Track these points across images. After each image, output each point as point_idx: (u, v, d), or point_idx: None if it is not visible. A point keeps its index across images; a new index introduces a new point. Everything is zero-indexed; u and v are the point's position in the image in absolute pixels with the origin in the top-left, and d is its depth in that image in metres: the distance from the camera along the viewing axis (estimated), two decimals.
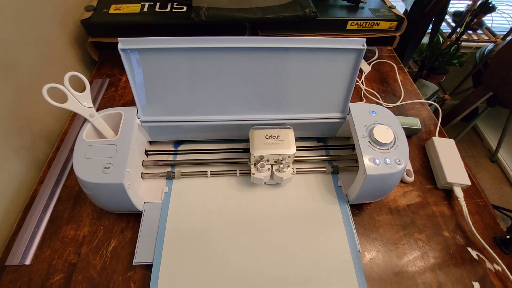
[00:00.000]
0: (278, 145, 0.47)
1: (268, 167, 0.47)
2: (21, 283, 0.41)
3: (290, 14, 0.63)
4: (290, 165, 0.48)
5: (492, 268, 0.45)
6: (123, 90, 0.68)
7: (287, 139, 0.47)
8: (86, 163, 0.40)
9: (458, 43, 1.33)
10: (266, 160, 0.47)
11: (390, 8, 0.75)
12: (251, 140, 0.47)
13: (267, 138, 0.47)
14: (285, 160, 0.47)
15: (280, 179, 0.47)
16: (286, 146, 0.47)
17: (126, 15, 0.66)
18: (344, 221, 0.46)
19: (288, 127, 0.49)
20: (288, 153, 0.47)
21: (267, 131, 0.48)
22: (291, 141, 0.47)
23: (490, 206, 0.53)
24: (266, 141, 0.47)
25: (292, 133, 0.48)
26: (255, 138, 0.47)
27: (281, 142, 0.47)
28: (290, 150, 0.47)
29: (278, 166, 0.47)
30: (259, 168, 0.47)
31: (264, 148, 0.47)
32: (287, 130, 0.49)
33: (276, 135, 0.48)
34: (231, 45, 0.41)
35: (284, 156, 0.47)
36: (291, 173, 0.47)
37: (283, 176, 0.47)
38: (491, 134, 1.74)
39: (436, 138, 0.58)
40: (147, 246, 0.43)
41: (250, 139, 0.48)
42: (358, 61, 0.44)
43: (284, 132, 0.48)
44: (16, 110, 0.50)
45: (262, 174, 0.47)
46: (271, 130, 0.48)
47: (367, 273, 0.43)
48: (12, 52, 0.49)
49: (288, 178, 0.47)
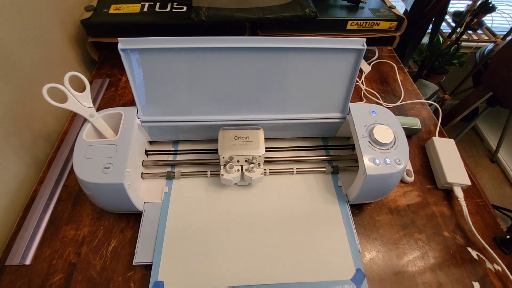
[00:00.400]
0: (247, 146, 0.47)
1: (238, 168, 0.47)
2: (21, 283, 0.41)
3: (290, 14, 0.63)
4: (261, 165, 0.48)
5: (492, 268, 0.45)
6: (123, 90, 0.68)
7: (257, 139, 0.47)
8: (86, 163, 0.40)
9: (458, 43, 1.33)
10: (237, 161, 0.47)
11: (390, 8, 0.75)
12: (220, 141, 0.47)
13: (236, 139, 0.47)
14: (255, 160, 0.47)
15: (250, 179, 0.47)
16: (255, 146, 0.47)
17: (126, 15, 0.66)
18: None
19: (258, 128, 0.49)
20: (257, 154, 0.46)
21: (236, 132, 0.48)
22: (260, 142, 0.47)
23: (490, 206, 0.53)
24: (235, 142, 0.47)
25: (262, 134, 0.48)
26: (224, 139, 0.47)
27: (250, 142, 0.47)
28: (259, 150, 0.46)
29: (248, 166, 0.47)
30: (228, 169, 0.46)
31: (233, 149, 0.46)
32: (257, 131, 0.48)
33: (245, 135, 0.48)
34: (231, 45, 0.41)
35: (255, 156, 0.47)
36: (261, 173, 0.47)
37: (253, 176, 0.47)
38: (491, 134, 1.74)
39: (436, 138, 0.58)
40: (147, 246, 0.43)
41: (219, 140, 0.47)
42: (358, 61, 0.44)
43: (253, 132, 0.48)
44: (16, 110, 0.50)
45: (231, 175, 0.46)
46: (240, 130, 0.48)
47: (367, 273, 0.43)
48: (12, 52, 0.49)
49: (258, 178, 0.47)
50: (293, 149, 0.55)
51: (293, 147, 0.55)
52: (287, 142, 0.56)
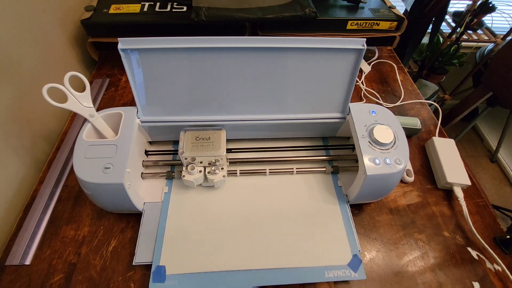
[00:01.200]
0: (208, 146, 0.46)
1: (200, 169, 0.47)
2: (21, 283, 0.41)
3: (290, 14, 0.63)
4: (224, 167, 0.48)
5: (492, 268, 0.45)
6: (123, 90, 0.68)
7: (218, 140, 0.47)
8: (86, 163, 0.40)
9: (458, 43, 1.33)
10: (199, 162, 0.47)
11: (390, 8, 0.75)
12: (181, 142, 0.47)
13: (197, 140, 0.47)
14: (218, 162, 0.47)
15: (212, 182, 0.47)
16: (216, 148, 0.46)
17: (126, 15, 0.66)
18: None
19: (220, 128, 0.49)
20: (218, 155, 0.46)
21: (198, 133, 0.48)
22: (221, 143, 0.47)
23: (490, 206, 0.53)
24: (196, 143, 0.47)
25: (224, 135, 0.48)
26: (185, 140, 0.47)
27: (211, 144, 0.47)
28: (220, 152, 0.46)
29: (210, 168, 0.47)
30: (190, 170, 0.46)
31: (193, 150, 0.46)
32: (219, 132, 0.48)
33: (207, 137, 0.47)
34: (231, 45, 0.41)
35: (217, 158, 0.46)
36: (223, 176, 0.47)
37: (215, 178, 0.46)
38: (491, 134, 1.74)
39: (436, 138, 0.58)
40: (147, 246, 0.43)
41: (180, 141, 0.47)
42: (358, 61, 0.44)
43: (215, 133, 0.48)
44: (16, 110, 0.50)
45: (192, 176, 0.46)
46: (202, 131, 0.48)
47: (367, 273, 0.43)
48: (13, 52, 0.49)
49: (220, 180, 0.47)
50: (293, 149, 0.55)
51: (293, 147, 0.55)
52: (287, 142, 0.56)
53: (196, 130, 0.48)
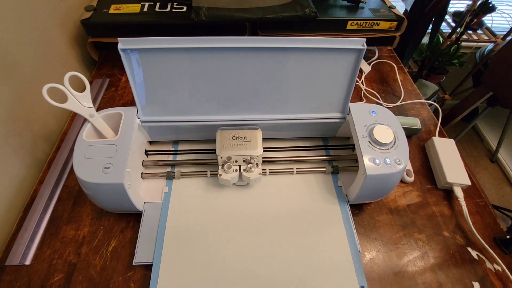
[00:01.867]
0: (245, 146, 0.47)
1: (236, 168, 0.47)
2: (21, 283, 0.41)
3: (290, 14, 0.63)
4: (259, 165, 0.48)
5: (492, 268, 0.45)
6: (123, 90, 0.68)
7: (255, 139, 0.47)
8: (86, 163, 0.40)
9: (458, 43, 1.33)
10: (235, 161, 0.47)
11: (390, 8, 0.75)
12: (218, 141, 0.47)
13: (234, 139, 0.47)
14: (253, 160, 0.47)
15: (248, 179, 0.47)
16: (253, 146, 0.47)
17: (126, 15, 0.66)
18: (344, 221, 0.46)
19: (256, 128, 0.49)
20: (255, 154, 0.46)
21: (234, 132, 0.48)
22: (258, 142, 0.47)
23: (490, 206, 0.53)
24: (232, 142, 0.47)
25: (260, 134, 0.48)
26: (222, 139, 0.47)
27: (248, 142, 0.47)
28: (257, 150, 0.46)
29: (246, 166, 0.47)
30: (226, 169, 0.46)
31: (231, 149, 0.46)
32: (255, 131, 0.48)
33: (243, 135, 0.48)
34: (231, 45, 0.41)
35: (252, 156, 0.47)
36: (259, 173, 0.47)
37: (251, 176, 0.47)
38: (491, 134, 1.74)
39: (436, 138, 0.58)
40: (147, 246, 0.43)
41: (217, 140, 0.47)
42: (358, 61, 0.44)
43: (251, 132, 0.48)
44: (16, 110, 0.50)
45: (229, 175, 0.46)
46: (238, 130, 0.48)
47: (367, 273, 0.43)
48: (12, 52, 0.49)
49: (256, 178, 0.47)
50: (293, 149, 0.55)
51: (293, 147, 0.55)
52: (287, 142, 0.56)
53: (231, 129, 0.48)
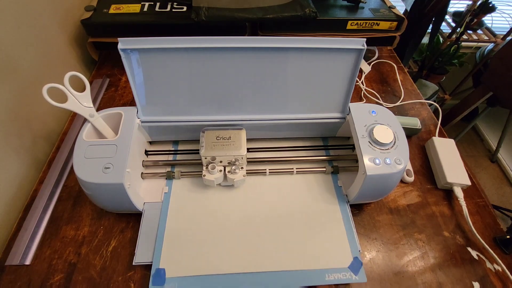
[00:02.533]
0: (229, 146, 0.46)
1: (220, 168, 0.47)
2: (21, 283, 0.41)
3: (290, 14, 0.63)
4: (244, 167, 0.48)
5: (492, 268, 0.45)
6: (123, 90, 0.68)
7: (239, 140, 0.47)
8: (86, 163, 0.40)
9: (458, 43, 1.33)
10: (219, 162, 0.47)
11: (390, 8, 0.75)
12: (201, 141, 0.47)
13: (218, 140, 0.47)
14: (238, 161, 0.47)
15: (232, 181, 0.47)
16: (237, 147, 0.46)
17: (126, 15, 0.66)
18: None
19: (240, 128, 0.49)
20: (239, 154, 0.46)
21: (218, 132, 0.48)
22: (242, 142, 0.47)
23: (490, 206, 0.53)
24: (216, 142, 0.47)
25: (244, 134, 0.48)
26: (206, 140, 0.47)
27: (232, 143, 0.47)
28: (241, 151, 0.46)
29: (230, 168, 0.47)
30: (210, 169, 0.46)
31: (214, 149, 0.46)
32: (239, 131, 0.48)
33: (228, 136, 0.47)
34: (231, 45, 0.41)
35: (237, 157, 0.46)
36: (243, 175, 0.47)
37: (235, 178, 0.46)
38: (491, 134, 1.74)
39: (436, 138, 0.58)
40: (147, 246, 0.43)
41: (200, 140, 0.47)
42: (358, 61, 0.44)
43: (235, 133, 0.48)
44: (16, 110, 0.50)
45: (213, 175, 0.46)
46: (222, 131, 0.48)
47: (367, 273, 0.43)
48: (12, 52, 0.49)
49: (240, 180, 0.47)
50: (293, 149, 0.55)
51: (293, 147, 0.55)
52: (287, 142, 0.56)
53: (216, 129, 0.48)
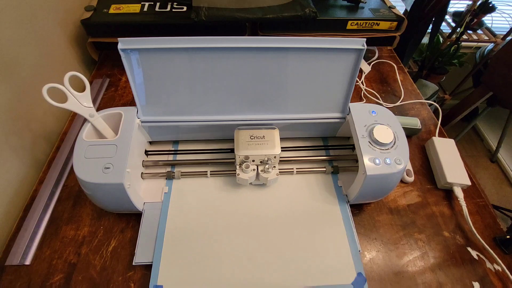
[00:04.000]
0: (263, 145, 0.47)
1: (253, 167, 0.47)
2: (21, 283, 0.41)
3: (290, 14, 0.63)
4: (276, 166, 0.48)
5: (492, 268, 0.45)
6: (123, 90, 0.68)
7: (272, 139, 0.47)
8: (86, 163, 0.40)
9: (458, 43, 1.33)
10: (252, 161, 0.47)
11: (390, 8, 0.75)
12: (236, 140, 0.47)
13: (252, 139, 0.47)
14: (270, 160, 0.47)
15: (265, 180, 0.47)
16: (271, 146, 0.47)
17: (126, 15, 0.66)
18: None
19: (273, 127, 0.49)
20: (273, 154, 0.46)
21: (252, 132, 0.48)
22: (276, 142, 0.47)
23: (490, 206, 0.53)
24: (250, 142, 0.47)
25: (278, 133, 0.48)
26: (240, 139, 0.47)
27: (266, 142, 0.47)
28: (275, 150, 0.46)
29: (263, 167, 0.47)
30: (244, 168, 0.46)
31: (249, 148, 0.46)
32: (272, 131, 0.48)
33: (261, 135, 0.47)
34: (231, 45, 0.41)
35: (269, 156, 0.47)
36: (276, 174, 0.47)
37: (268, 176, 0.47)
38: (491, 134, 1.74)
39: (436, 138, 0.58)
40: (147, 246, 0.43)
41: (235, 139, 0.47)
42: (358, 61, 0.44)
43: (269, 132, 0.48)
44: (16, 110, 0.50)
45: (247, 174, 0.46)
46: (256, 130, 0.48)
47: (367, 273, 0.43)
48: (12, 52, 0.49)
49: (273, 178, 0.47)
50: (293, 149, 0.55)
51: (293, 147, 0.55)
52: (287, 142, 0.56)
53: (249, 128, 0.48)
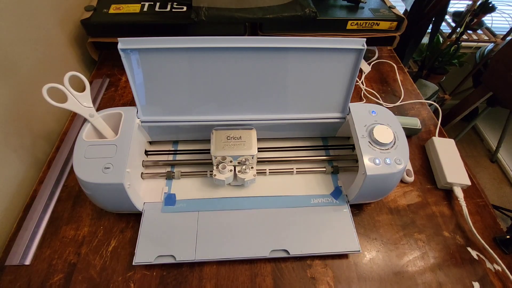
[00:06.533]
0: (240, 146, 0.47)
1: (230, 168, 0.47)
2: (21, 283, 0.41)
3: (290, 14, 0.63)
4: (254, 166, 0.48)
5: (492, 268, 0.45)
6: (123, 90, 0.68)
7: (249, 140, 0.47)
8: (86, 163, 0.40)
9: (458, 43, 1.33)
10: (229, 161, 0.47)
11: (390, 8, 0.75)
12: (212, 141, 0.47)
13: (228, 139, 0.47)
14: (248, 161, 0.47)
15: (242, 181, 0.47)
16: (248, 147, 0.47)
17: (126, 15, 0.66)
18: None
19: (250, 128, 0.49)
20: (250, 154, 0.46)
21: (228, 132, 0.48)
22: (253, 142, 0.47)
23: (490, 206, 0.53)
24: (227, 142, 0.47)
25: (255, 134, 0.48)
26: (216, 139, 0.47)
27: (243, 143, 0.47)
28: (251, 151, 0.46)
29: (241, 167, 0.47)
30: (221, 169, 0.46)
31: (225, 149, 0.46)
32: (250, 131, 0.48)
33: (238, 136, 0.47)
34: (231, 45, 0.41)
35: (246, 157, 0.47)
36: (253, 175, 0.47)
37: (245, 177, 0.47)
38: (491, 134, 1.74)
39: (436, 138, 0.58)
40: (147, 246, 0.43)
41: (211, 140, 0.47)
42: (358, 61, 0.44)
43: (246, 132, 0.48)
44: (16, 110, 0.50)
45: (223, 175, 0.46)
46: (233, 131, 0.48)
47: (367, 273, 0.43)
48: (12, 52, 0.49)
49: (251, 179, 0.47)
50: (293, 149, 0.55)
51: (293, 147, 0.55)
52: (287, 142, 0.56)
53: (226, 129, 0.48)
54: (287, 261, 0.44)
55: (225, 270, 0.43)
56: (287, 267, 0.43)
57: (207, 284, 0.42)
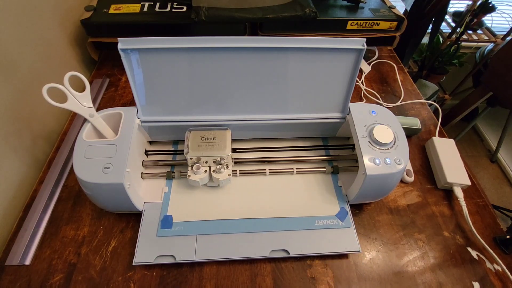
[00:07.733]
0: (214, 146, 0.47)
1: (205, 169, 0.47)
2: (21, 283, 0.41)
3: (290, 14, 0.63)
4: (229, 166, 0.48)
5: (492, 268, 0.45)
6: (123, 90, 0.68)
7: (223, 140, 0.47)
8: (86, 163, 0.40)
9: (458, 43, 1.33)
10: (205, 162, 0.47)
11: (390, 8, 0.75)
12: (186, 142, 0.47)
13: (202, 140, 0.47)
14: (223, 160, 0.47)
15: (217, 181, 0.47)
16: (222, 147, 0.47)
17: (126, 15, 0.66)
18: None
19: (225, 128, 0.49)
20: (224, 155, 0.46)
21: (203, 133, 0.48)
22: (227, 142, 0.47)
23: (490, 206, 0.53)
24: (201, 143, 0.47)
25: (229, 134, 0.48)
26: (190, 140, 0.47)
27: (217, 143, 0.47)
28: (226, 151, 0.46)
29: (215, 167, 0.47)
30: (195, 170, 0.46)
31: (199, 150, 0.46)
32: (224, 131, 0.48)
33: (212, 136, 0.47)
34: (231, 45, 0.41)
35: (222, 157, 0.46)
36: (228, 174, 0.47)
37: (220, 177, 0.46)
38: (491, 134, 1.74)
39: (436, 138, 0.58)
40: (147, 246, 0.43)
41: (185, 141, 0.47)
42: (358, 61, 0.44)
43: (220, 133, 0.48)
44: (16, 110, 0.50)
45: (198, 176, 0.46)
46: (207, 131, 0.48)
47: (367, 273, 0.43)
48: (12, 52, 0.49)
49: (225, 179, 0.47)
50: (293, 149, 0.55)
51: (293, 147, 0.55)
52: (287, 142, 0.56)
53: (201, 130, 0.48)
54: (287, 261, 0.44)
55: (225, 270, 0.43)
56: (287, 267, 0.44)
57: (207, 284, 0.42)
